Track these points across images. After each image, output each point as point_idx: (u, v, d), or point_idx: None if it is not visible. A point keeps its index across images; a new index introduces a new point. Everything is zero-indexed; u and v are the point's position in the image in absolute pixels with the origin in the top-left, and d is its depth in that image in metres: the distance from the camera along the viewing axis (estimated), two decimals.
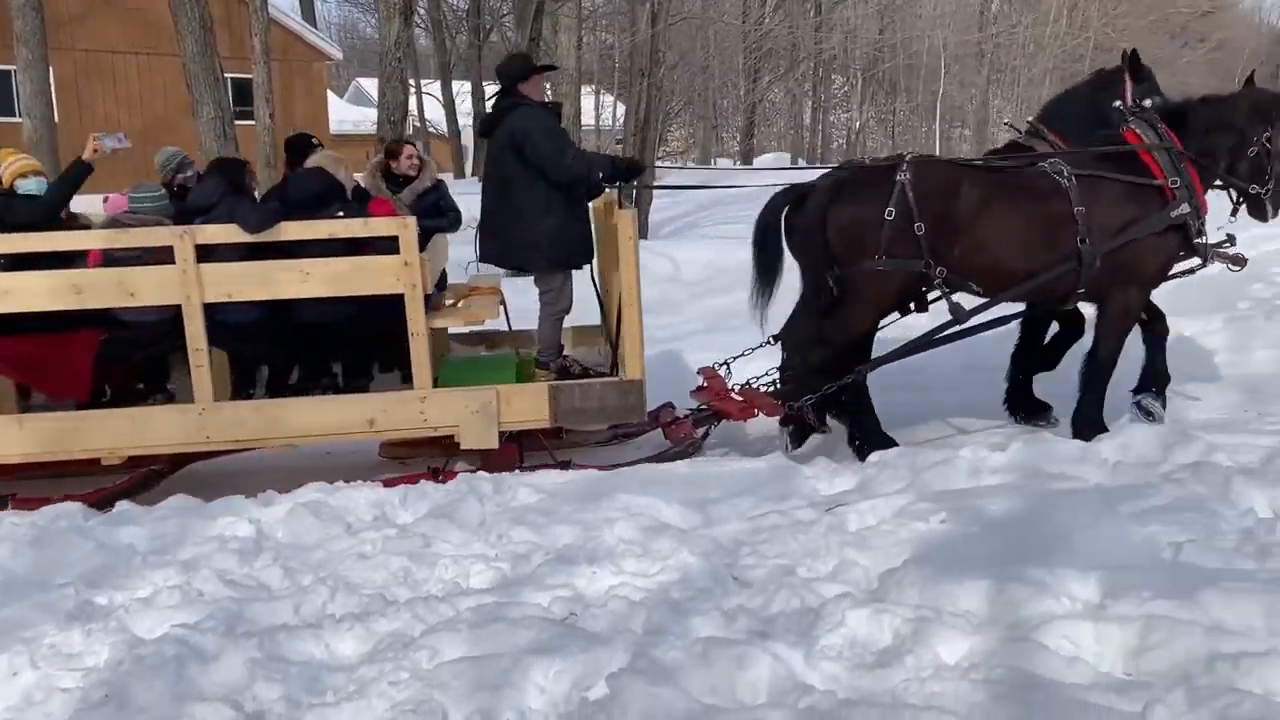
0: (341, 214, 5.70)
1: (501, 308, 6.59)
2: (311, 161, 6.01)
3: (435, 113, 32.40)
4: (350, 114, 36.35)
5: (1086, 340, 6.36)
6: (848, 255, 5.82)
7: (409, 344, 5.56)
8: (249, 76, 15.98)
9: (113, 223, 5.63)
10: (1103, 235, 5.78)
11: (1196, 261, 6.07)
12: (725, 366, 6.54)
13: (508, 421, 5.75)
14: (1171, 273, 6.13)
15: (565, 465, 5.90)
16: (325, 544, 4.54)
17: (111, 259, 5.42)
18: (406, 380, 5.99)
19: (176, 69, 12.26)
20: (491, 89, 22.63)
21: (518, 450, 5.97)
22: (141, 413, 5.61)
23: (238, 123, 12.13)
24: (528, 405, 5.77)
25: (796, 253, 6.18)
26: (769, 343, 6.44)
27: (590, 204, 6.17)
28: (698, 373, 6.63)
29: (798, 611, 3.55)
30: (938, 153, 40.42)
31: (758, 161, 35.20)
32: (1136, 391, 6.36)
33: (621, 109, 21.33)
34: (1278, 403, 6.84)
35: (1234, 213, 6.15)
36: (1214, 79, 48.28)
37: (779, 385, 6.33)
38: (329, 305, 5.57)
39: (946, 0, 42.12)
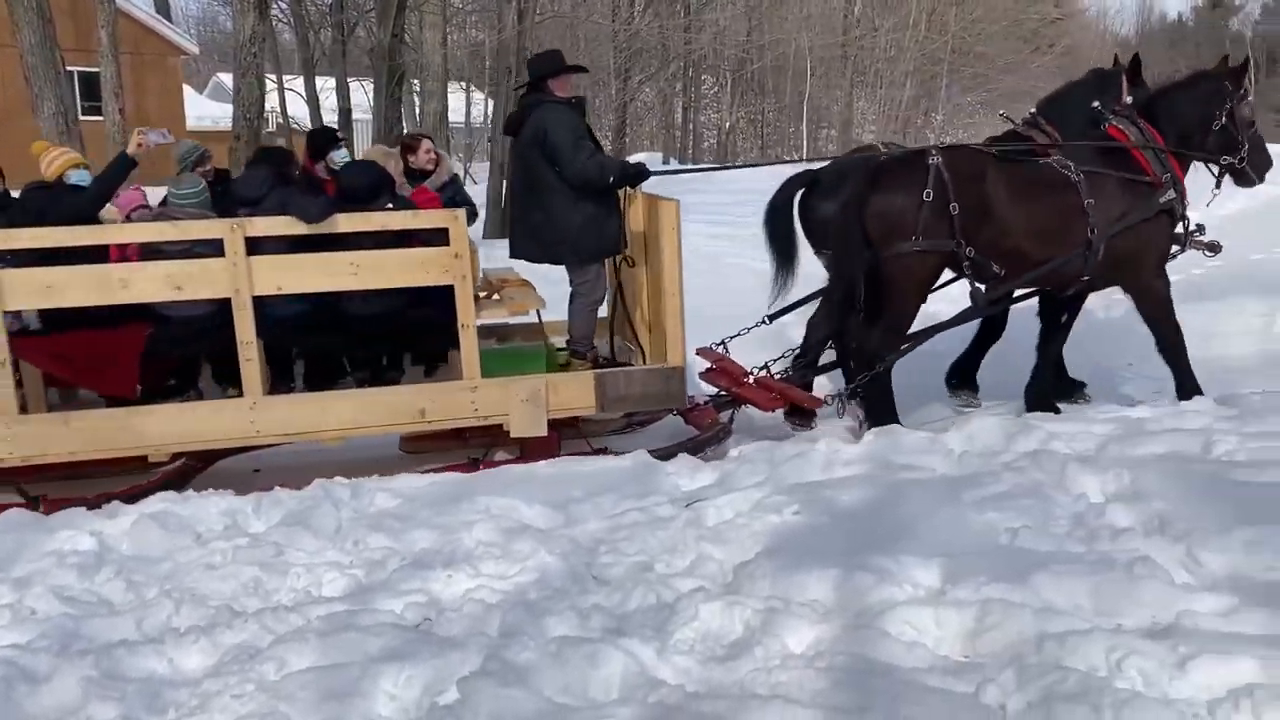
0: (391, 206, 5.70)
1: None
2: (365, 154, 5.92)
3: (300, 109, 31.52)
4: (210, 109, 35.11)
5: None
6: (886, 238, 5.95)
7: (456, 336, 5.59)
8: (99, 70, 15.28)
9: (161, 216, 5.52)
10: (1106, 225, 6.11)
11: (1175, 248, 6.41)
12: (723, 346, 6.56)
13: (555, 409, 5.76)
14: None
15: (602, 452, 5.87)
16: (172, 555, 4.38)
17: (158, 253, 5.29)
18: (429, 373, 6.05)
19: (15, 61, 11.63)
20: (356, 84, 22.16)
21: (558, 439, 5.91)
22: (191, 408, 5.49)
23: (89, 118, 11.58)
24: (575, 393, 5.80)
25: (823, 238, 6.34)
26: (764, 322, 6.62)
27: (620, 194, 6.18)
28: (697, 353, 6.58)
29: (653, 607, 3.59)
30: (805, 154, 41.36)
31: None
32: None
33: (494, 106, 21.18)
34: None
35: (1218, 185, 6.56)
36: (1064, 81, 50.75)
37: (793, 370, 6.52)
38: (376, 298, 5.54)
39: (811, 3, 43.07)
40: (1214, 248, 6.51)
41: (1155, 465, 4.80)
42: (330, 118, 25.07)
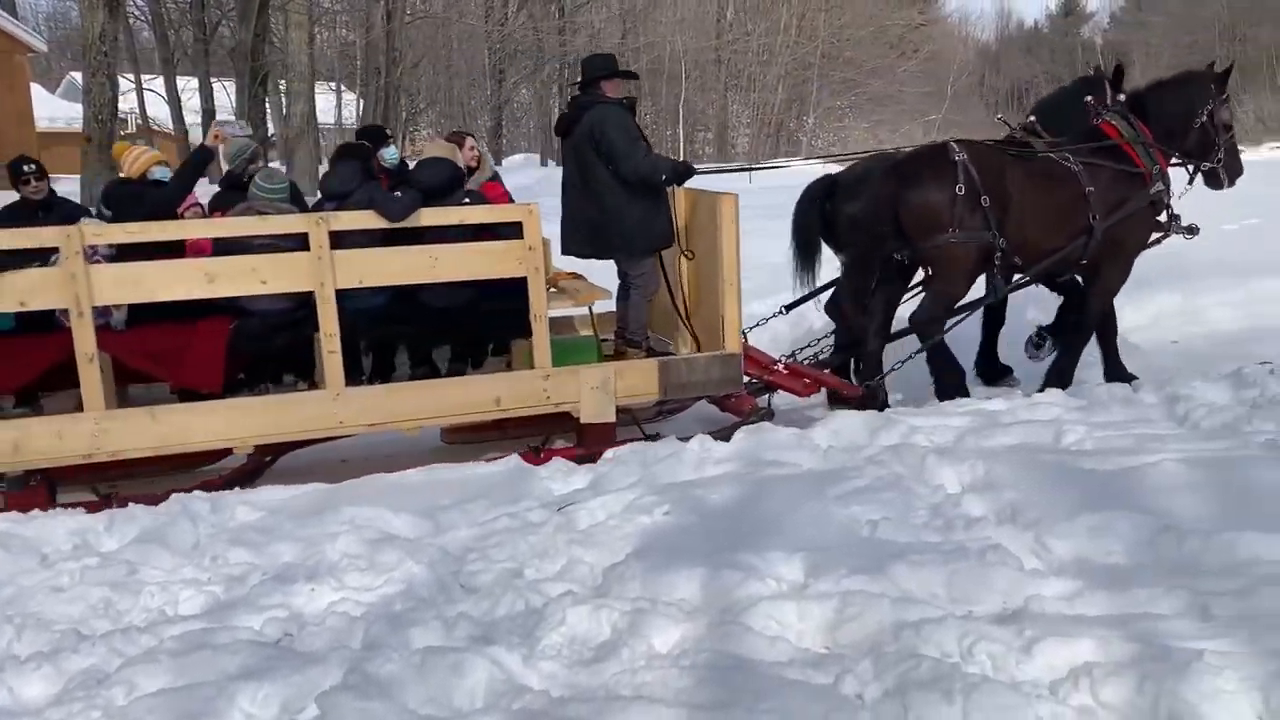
0: (467, 201, 5.86)
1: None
2: (432, 150, 6.08)
3: (161, 109, 30.41)
4: (63, 110, 33.49)
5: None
6: (923, 233, 6.27)
7: (519, 326, 5.76)
8: None
9: (248, 210, 5.56)
10: (1105, 213, 6.50)
11: (1158, 234, 6.84)
12: (744, 335, 6.55)
13: (622, 396, 5.93)
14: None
15: (654, 438, 5.90)
16: (15, 579, 4.16)
17: (244, 247, 5.30)
18: (477, 365, 6.18)
19: None
20: (220, 84, 21.49)
21: (613, 426, 5.99)
22: (275, 401, 5.50)
23: None
24: (640, 380, 5.98)
25: (849, 236, 6.69)
26: (781, 313, 7.01)
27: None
28: None
29: (522, 614, 3.57)
30: (682, 156, 41.75)
31: (507, 162, 35.11)
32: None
33: (364, 106, 20.74)
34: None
35: (1190, 182, 6.98)
36: (928, 85, 52.46)
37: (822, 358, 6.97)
38: (452, 290, 5.65)
39: (685, 6, 43.52)
40: (1192, 230, 6.88)
41: (1008, 456, 5.00)
42: (193, 119, 24.26)
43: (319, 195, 5.92)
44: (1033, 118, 7.06)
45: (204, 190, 5.84)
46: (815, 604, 3.42)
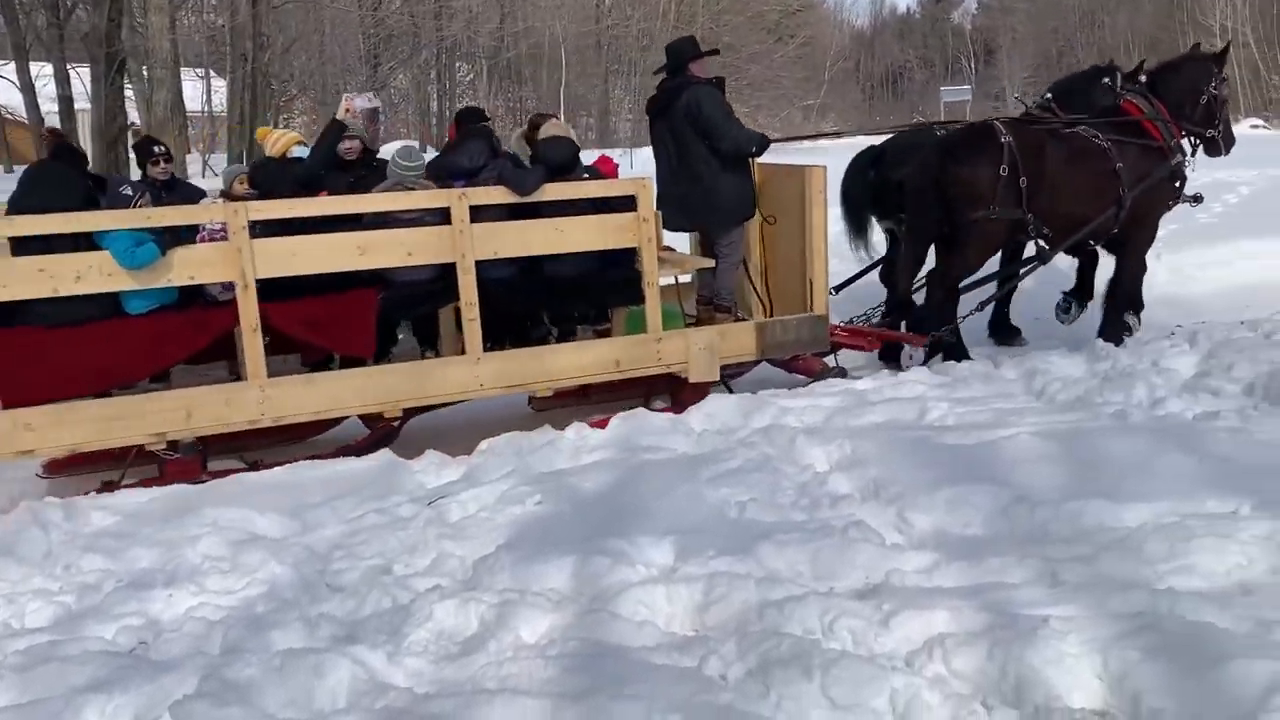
0: (586, 175, 6.18)
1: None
2: (549, 130, 6.30)
3: (12, 96, 28.88)
4: None
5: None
6: (965, 206, 6.75)
7: (629, 294, 6.13)
8: None
9: (396, 186, 5.74)
10: (1132, 186, 7.00)
11: (1172, 202, 7.41)
12: None
13: (725, 356, 6.34)
14: None
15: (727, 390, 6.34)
16: None
17: (388, 221, 5.58)
18: (564, 337, 6.35)
19: None
20: (75, 70, 20.50)
21: (709, 387, 6.33)
22: (422, 365, 5.77)
23: None
24: (741, 341, 6.43)
25: (897, 204, 7.19)
26: (832, 293, 7.08)
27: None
28: None
29: (389, 610, 3.51)
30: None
31: (385, 150, 34.42)
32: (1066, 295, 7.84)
33: (229, 92, 20.04)
34: None
35: (1193, 153, 7.48)
36: (805, 71, 53.27)
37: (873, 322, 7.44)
38: (575, 260, 5.96)
39: None
40: (1198, 199, 7.64)
41: (874, 434, 5.13)
42: (49, 106, 23.12)
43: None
44: (1049, 95, 7.66)
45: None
46: (683, 587, 3.45)
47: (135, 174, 6.91)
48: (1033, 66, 60.54)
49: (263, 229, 5.31)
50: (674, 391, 6.48)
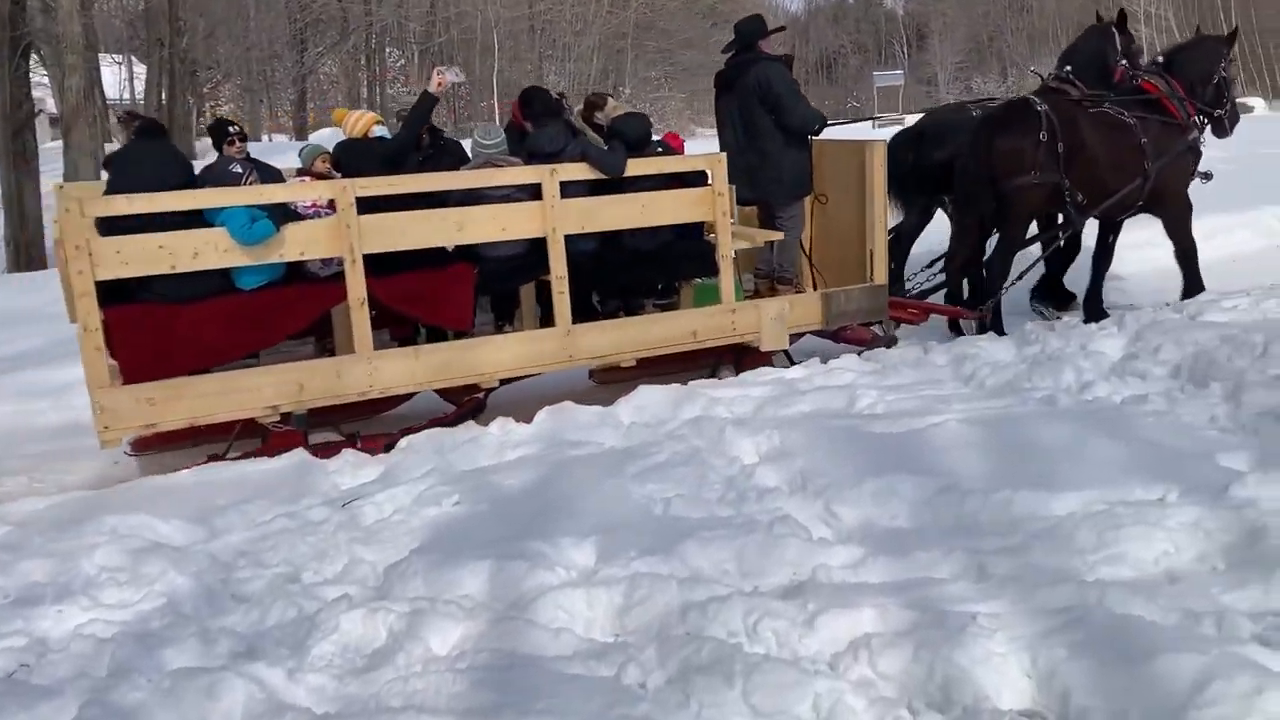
0: (660, 150, 6.36)
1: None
2: (618, 109, 6.59)
3: None
4: None
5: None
6: (1009, 173, 7.11)
7: (699, 266, 6.37)
8: None
9: (488, 164, 5.83)
10: (1155, 159, 7.34)
11: None
12: None
13: (793, 326, 6.56)
14: None
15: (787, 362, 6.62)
16: None
17: (480, 198, 5.69)
18: (631, 312, 6.38)
19: None
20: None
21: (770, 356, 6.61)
22: (516, 338, 5.91)
23: None
24: (808, 311, 6.63)
25: (938, 182, 7.63)
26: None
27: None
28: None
29: (293, 622, 3.34)
30: (499, 123, 41.09)
31: (314, 137, 33.77)
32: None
33: (147, 76, 19.40)
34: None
35: (1201, 131, 7.71)
36: None
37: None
38: (652, 233, 6.15)
39: None
40: (1208, 176, 7.78)
41: (803, 423, 5.04)
42: None
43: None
44: (1069, 67, 7.74)
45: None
46: (604, 590, 3.31)
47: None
48: (964, 51, 61.29)
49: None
50: (738, 360, 6.71)
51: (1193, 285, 7.74)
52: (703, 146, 9.58)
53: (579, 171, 5.87)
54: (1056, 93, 7.48)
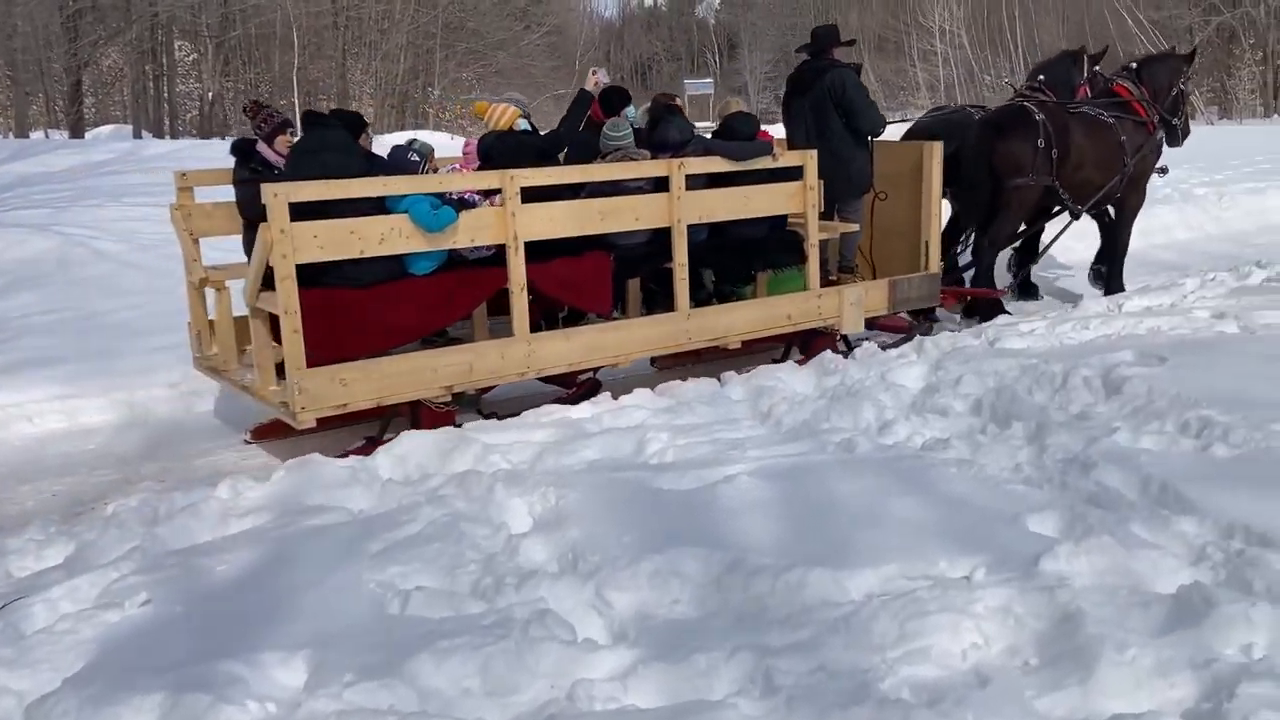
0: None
1: None
2: (733, 106, 7.06)
3: None
4: None
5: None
6: (1009, 174, 7.84)
7: (785, 254, 6.80)
8: None
9: (624, 157, 6.10)
10: (1133, 155, 8.25)
11: None
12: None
13: (867, 310, 7.07)
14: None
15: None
16: None
17: (617, 189, 5.96)
18: (723, 298, 6.79)
19: None
20: None
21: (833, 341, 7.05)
22: (644, 322, 6.21)
23: None
24: (877, 297, 7.16)
25: (956, 179, 7.95)
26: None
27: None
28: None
29: None
30: (299, 122, 39.14)
31: (91, 135, 31.26)
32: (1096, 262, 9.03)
33: None
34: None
35: (1158, 136, 8.62)
36: (556, 60, 52.77)
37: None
38: (753, 224, 6.52)
39: None
40: (1164, 170, 8.91)
41: (585, 477, 4.47)
42: None
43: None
44: (1042, 77, 8.58)
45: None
46: None
47: None
48: (772, 61, 62.58)
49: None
50: (804, 344, 7.12)
51: (1115, 282, 8.69)
52: None
53: (708, 164, 6.29)
54: (1043, 100, 8.21)
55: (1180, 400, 4.75)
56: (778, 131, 7.64)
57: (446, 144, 33.71)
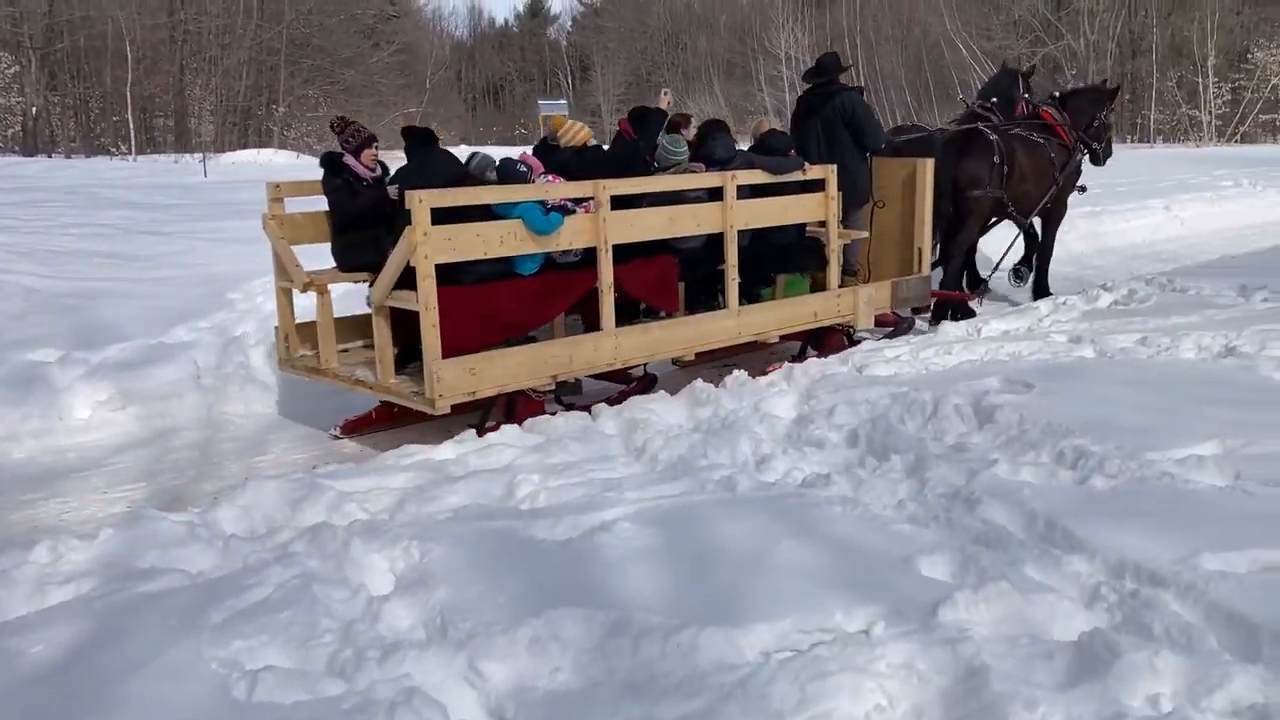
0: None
1: None
2: (765, 126, 7.66)
3: None
4: None
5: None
6: (969, 187, 8.78)
7: (805, 258, 7.50)
8: None
9: (687, 170, 6.71)
10: (1060, 171, 9.40)
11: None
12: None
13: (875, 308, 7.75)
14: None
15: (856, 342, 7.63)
16: None
17: (679, 199, 6.49)
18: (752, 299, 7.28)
19: None
20: None
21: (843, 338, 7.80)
22: (706, 317, 6.80)
23: None
24: (883, 297, 7.81)
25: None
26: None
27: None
28: None
29: None
30: (134, 144, 37.37)
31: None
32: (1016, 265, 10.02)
33: None
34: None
35: (1083, 156, 9.81)
36: (405, 78, 51.84)
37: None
38: (783, 231, 7.20)
39: None
40: (1083, 189, 9.97)
41: (451, 527, 4.16)
42: None
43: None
44: (994, 99, 9.48)
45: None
46: None
47: None
48: (625, 84, 63.07)
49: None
50: (818, 341, 7.74)
51: (1042, 285, 9.75)
52: None
53: (755, 176, 6.89)
54: (986, 120, 9.21)
55: (1053, 429, 4.77)
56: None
57: (293, 163, 32.57)
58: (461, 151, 6.97)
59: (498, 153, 7.31)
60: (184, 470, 5.84)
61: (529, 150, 6.66)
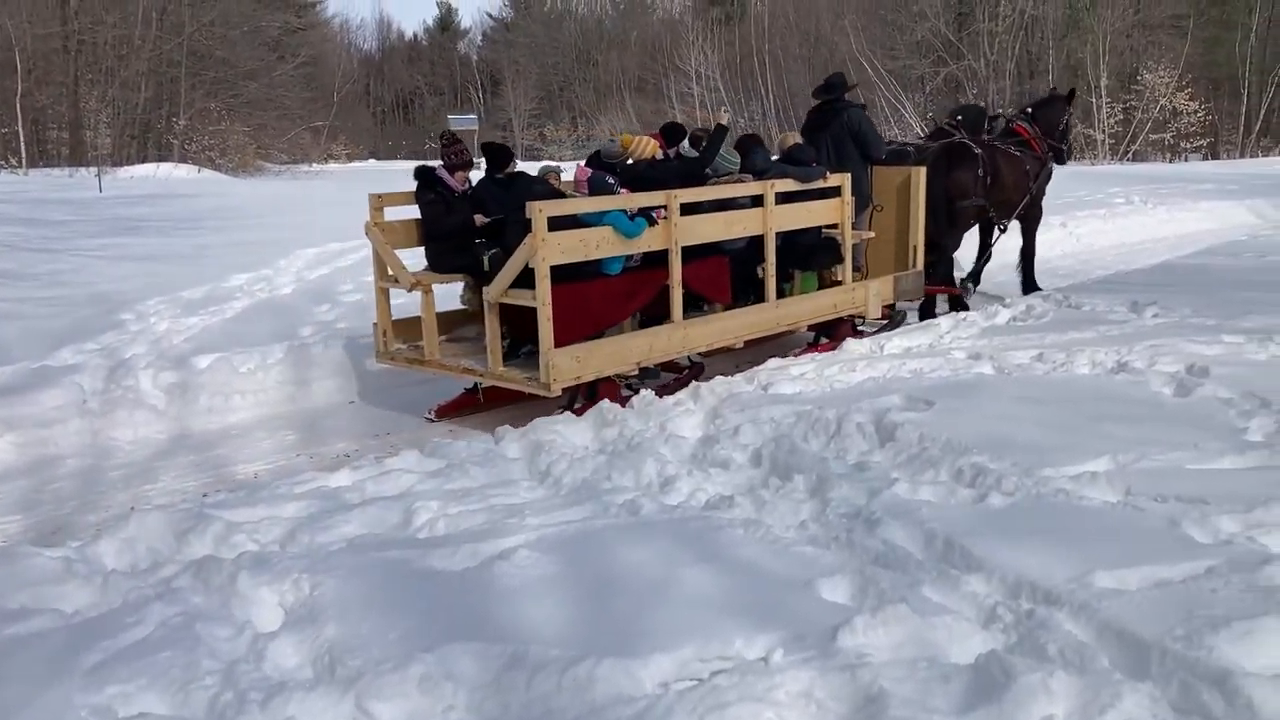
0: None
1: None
2: (790, 140, 8.42)
3: None
4: None
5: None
6: (957, 196, 9.46)
7: (820, 255, 8.34)
8: None
9: (739, 180, 7.54)
10: (1035, 180, 10.16)
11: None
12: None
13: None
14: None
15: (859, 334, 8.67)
16: None
17: (729, 205, 7.29)
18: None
19: None
20: None
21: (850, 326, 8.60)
22: (750, 310, 7.57)
23: None
24: (889, 290, 8.66)
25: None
26: (969, 288, 10.34)
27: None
28: None
29: None
30: (25, 158, 35.95)
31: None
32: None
33: None
34: (330, 439, 6.50)
35: (1047, 162, 10.52)
36: (312, 91, 50.86)
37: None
38: (806, 232, 8.04)
39: None
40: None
41: (344, 559, 4.01)
42: None
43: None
44: (960, 117, 10.19)
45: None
46: None
47: None
48: (536, 99, 62.90)
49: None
50: (827, 332, 8.46)
51: (1029, 283, 10.48)
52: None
53: (785, 185, 7.57)
54: (957, 135, 9.82)
55: (952, 446, 4.81)
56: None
57: (195, 178, 31.70)
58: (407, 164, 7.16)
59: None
60: (65, 501, 5.57)
61: (581, 163, 7.61)
